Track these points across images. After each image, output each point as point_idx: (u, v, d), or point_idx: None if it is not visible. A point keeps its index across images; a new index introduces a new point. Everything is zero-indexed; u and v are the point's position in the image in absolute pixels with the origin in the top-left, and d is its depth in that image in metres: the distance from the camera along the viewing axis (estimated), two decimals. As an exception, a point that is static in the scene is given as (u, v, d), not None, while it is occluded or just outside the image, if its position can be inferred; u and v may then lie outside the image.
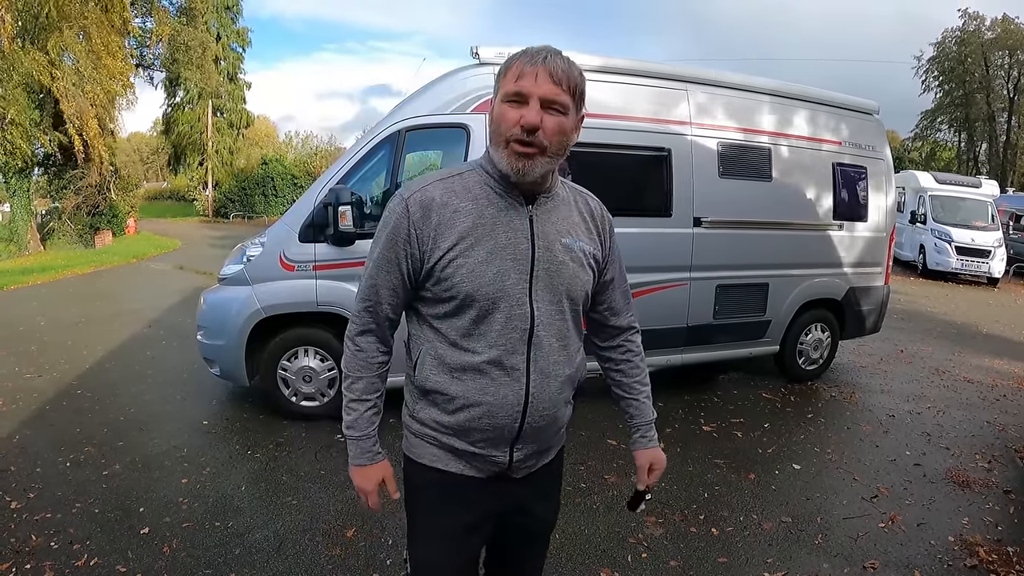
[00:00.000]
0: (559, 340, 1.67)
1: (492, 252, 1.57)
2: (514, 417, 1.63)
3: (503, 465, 1.70)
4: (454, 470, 1.71)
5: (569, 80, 1.53)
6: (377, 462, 1.77)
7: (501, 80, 1.56)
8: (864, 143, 6.62)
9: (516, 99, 1.51)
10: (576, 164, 5.31)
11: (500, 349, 1.60)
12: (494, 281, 1.57)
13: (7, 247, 21.11)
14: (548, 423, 1.70)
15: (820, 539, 3.68)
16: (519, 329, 1.60)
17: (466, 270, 1.56)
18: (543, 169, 1.57)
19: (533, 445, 1.72)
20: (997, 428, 5.70)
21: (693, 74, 5.83)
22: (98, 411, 5.49)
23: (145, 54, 25.60)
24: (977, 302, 13.90)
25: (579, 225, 1.72)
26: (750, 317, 6.15)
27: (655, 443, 1.94)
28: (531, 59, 1.52)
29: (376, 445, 1.77)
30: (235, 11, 42.60)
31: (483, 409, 1.62)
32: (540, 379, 1.64)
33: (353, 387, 1.74)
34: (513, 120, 1.51)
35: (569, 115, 1.56)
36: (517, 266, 1.59)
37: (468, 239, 1.57)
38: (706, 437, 5.21)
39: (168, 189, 54.72)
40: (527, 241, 1.60)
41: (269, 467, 4.44)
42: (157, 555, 3.36)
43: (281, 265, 5.01)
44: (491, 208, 1.60)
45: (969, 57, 40.94)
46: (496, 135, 1.56)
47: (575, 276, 1.67)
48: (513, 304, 1.59)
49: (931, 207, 17.80)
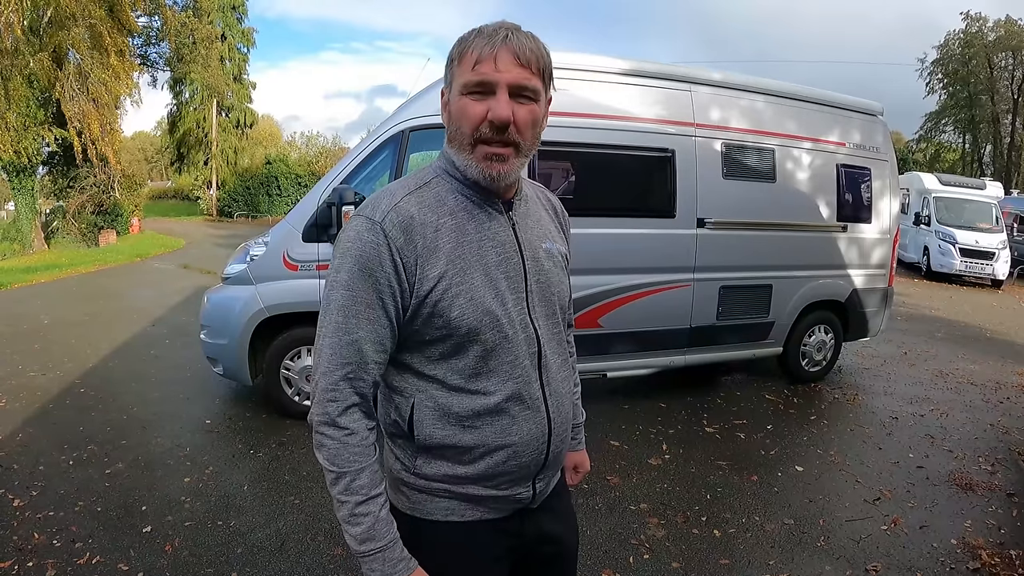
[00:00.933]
0: (560, 355, 1.51)
1: (485, 274, 1.34)
2: (540, 451, 1.43)
3: (527, 500, 1.49)
4: (471, 518, 1.45)
5: (538, 60, 1.29)
6: (413, 570, 1.33)
7: (456, 67, 1.31)
8: (868, 144, 6.61)
9: (479, 90, 1.27)
10: (581, 165, 5.35)
11: (517, 382, 1.37)
12: (496, 308, 1.34)
13: (11, 246, 21.16)
14: (562, 448, 1.52)
15: (822, 541, 3.68)
16: (529, 355, 1.40)
17: (464, 299, 1.31)
18: (518, 170, 1.36)
19: (552, 471, 1.53)
20: (1000, 431, 5.69)
21: (697, 75, 5.83)
22: (101, 409, 5.50)
23: (150, 53, 25.63)
24: (981, 304, 13.86)
25: (550, 225, 1.55)
26: (754, 318, 6.14)
27: (583, 445, 1.87)
28: (490, 39, 1.27)
29: (404, 550, 1.34)
30: (241, 11, 42.63)
31: (508, 452, 1.39)
32: (556, 402, 1.46)
33: (354, 485, 1.30)
34: (479, 116, 1.27)
35: (540, 101, 1.33)
36: (512, 284, 1.38)
37: (456, 262, 1.31)
38: (709, 438, 5.20)
39: (172, 188, 54.79)
40: (516, 254, 1.39)
41: (271, 466, 4.45)
42: (159, 554, 3.36)
43: (285, 265, 5.02)
44: (472, 222, 1.35)
45: (973, 59, 40.87)
46: (458, 135, 1.32)
47: (561, 283, 1.50)
48: (518, 329, 1.38)
49: (935, 209, 17.77)
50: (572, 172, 5.33)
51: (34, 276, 14.08)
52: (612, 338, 5.46)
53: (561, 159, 5.32)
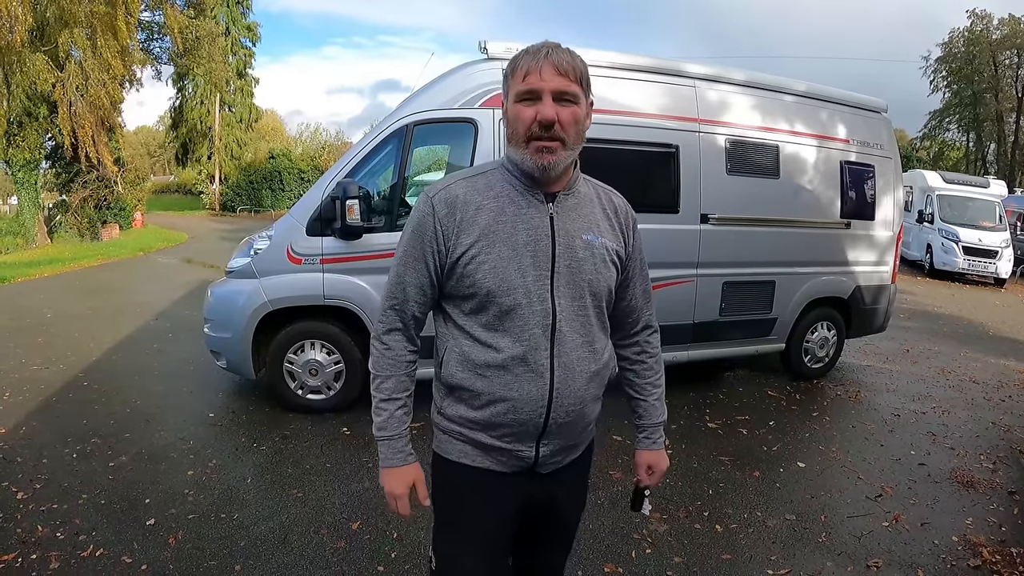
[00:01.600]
0: (583, 336, 1.68)
1: (513, 249, 1.59)
2: (539, 413, 1.63)
3: (529, 460, 1.71)
4: (481, 465, 1.71)
5: (575, 70, 1.57)
6: (409, 463, 1.74)
7: (510, 81, 1.60)
8: (872, 141, 6.60)
9: (528, 97, 1.55)
10: (584, 160, 5.33)
11: (524, 345, 1.60)
12: (515, 278, 1.59)
13: (14, 240, 21.23)
14: (575, 419, 1.70)
15: (824, 537, 3.68)
16: (541, 325, 1.61)
17: (488, 266, 1.59)
18: (566, 161, 1.60)
19: (559, 441, 1.71)
20: (1003, 429, 5.69)
21: (702, 71, 5.82)
22: (104, 403, 5.51)
23: (153, 48, 25.64)
24: (984, 302, 13.86)
25: (602, 222, 1.73)
26: (756, 314, 6.14)
27: (659, 445, 1.95)
28: (535, 56, 1.56)
29: (408, 446, 1.74)
30: (245, 5, 42.61)
31: (508, 405, 1.63)
32: (564, 375, 1.64)
33: (382, 387, 1.72)
34: (530, 118, 1.54)
35: (580, 104, 1.59)
36: (537, 263, 1.60)
37: (489, 236, 1.59)
38: (711, 434, 5.21)
39: (175, 183, 54.88)
40: (547, 238, 1.62)
41: (275, 460, 4.46)
42: (163, 546, 3.37)
43: (288, 258, 5.02)
44: (512, 206, 1.62)
45: (977, 57, 40.75)
46: (515, 135, 1.59)
47: (597, 272, 1.68)
48: (534, 300, 1.60)
49: (938, 207, 17.74)
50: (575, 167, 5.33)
51: (37, 270, 14.10)
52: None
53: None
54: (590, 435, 1.88)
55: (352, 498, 3.90)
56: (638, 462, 1.96)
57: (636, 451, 1.97)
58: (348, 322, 5.14)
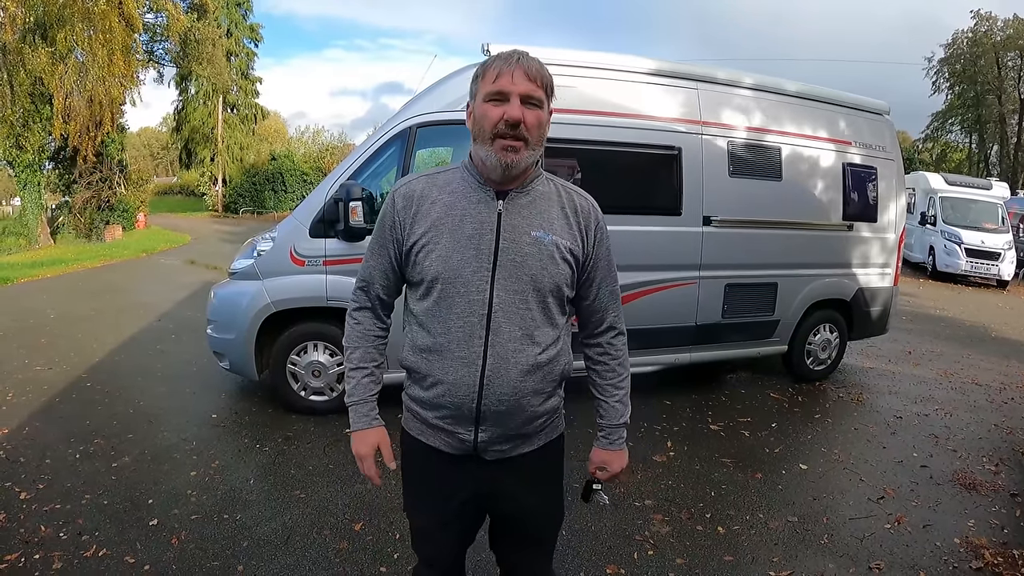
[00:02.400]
0: (522, 329, 1.73)
1: (458, 241, 1.70)
2: (471, 398, 1.72)
3: (469, 444, 1.79)
4: (431, 443, 1.83)
5: (542, 77, 1.69)
6: (373, 427, 1.88)
7: (480, 82, 1.71)
8: (875, 143, 6.60)
9: (497, 98, 1.66)
10: (587, 162, 5.35)
11: (460, 332, 1.71)
12: (456, 268, 1.70)
13: (17, 240, 21.25)
14: (511, 409, 1.75)
15: (826, 539, 3.68)
16: (478, 315, 1.70)
17: (434, 255, 1.71)
18: (528, 160, 1.71)
19: (497, 429, 1.77)
20: (1005, 431, 5.68)
21: (704, 73, 5.82)
22: (107, 404, 5.52)
23: (155, 49, 25.66)
24: (986, 304, 13.84)
25: (557, 220, 1.78)
26: (759, 316, 6.14)
27: (616, 446, 1.98)
28: (507, 61, 1.67)
29: (373, 411, 1.89)
30: (246, 7, 42.66)
31: (444, 387, 1.74)
32: (496, 364, 1.71)
33: (351, 357, 1.91)
34: (497, 116, 1.65)
35: (544, 108, 1.71)
36: (479, 255, 1.70)
37: (438, 227, 1.72)
38: (713, 436, 5.21)
39: (178, 184, 54.91)
40: (492, 233, 1.71)
41: (277, 461, 4.46)
42: (166, 547, 3.38)
43: (291, 260, 5.03)
44: (463, 201, 1.74)
45: (981, 58, 40.68)
46: (481, 133, 1.70)
47: (543, 268, 1.73)
48: (472, 291, 1.70)
49: (941, 209, 17.73)
50: (578, 169, 5.33)
51: (40, 271, 14.14)
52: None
53: (567, 156, 5.32)
54: (550, 430, 1.92)
55: (355, 499, 3.91)
56: (592, 458, 2.00)
57: (593, 448, 2.01)
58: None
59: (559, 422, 1.96)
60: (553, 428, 1.93)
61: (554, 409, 1.89)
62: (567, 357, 1.86)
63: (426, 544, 2.01)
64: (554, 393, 1.86)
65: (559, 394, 1.90)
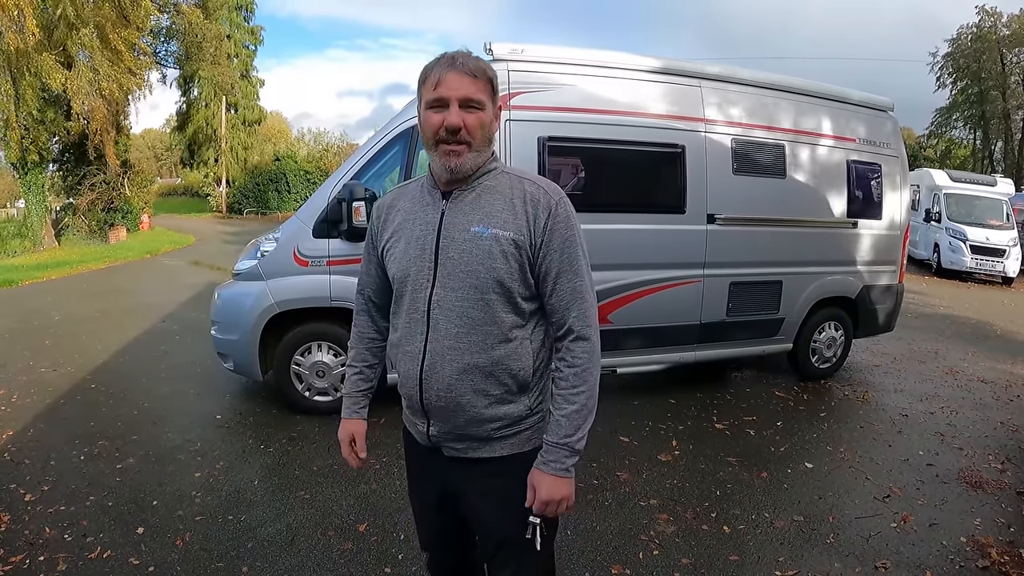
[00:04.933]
0: (459, 327, 1.72)
1: (408, 243, 1.79)
2: (414, 389, 1.78)
3: (424, 434, 1.85)
4: (410, 431, 1.95)
5: (482, 77, 1.69)
6: (353, 418, 2.03)
7: (422, 88, 1.72)
8: (879, 140, 6.57)
9: (438, 104, 1.68)
10: (591, 160, 5.34)
11: (407, 328, 1.79)
12: (405, 268, 1.78)
13: (22, 242, 21.29)
14: (450, 406, 1.75)
15: (832, 538, 3.67)
16: (420, 312, 1.75)
17: (391, 258, 1.83)
18: (473, 162, 1.72)
19: (442, 424, 1.80)
20: (1011, 429, 5.65)
21: (707, 70, 5.81)
22: (112, 405, 5.54)
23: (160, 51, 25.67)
24: (991, 301, 13.78)
25: (502, 212, 1.72)
26: (763, 315, 6.12)
27: (550, 468, 1.71)
28: (445, 65, 1.67)
29: (356, 404, 2.04)
30: (249, 10, 42.69)
31: (400, 379, 1.82)
32: (433, 360, 1.74)
33: (348, 355, 2.09)
34: (437, 123, 1.67)
35: (486, 109, 1.71)
36: (423, 255, 1.75)
37: (397, 232, 1.82)
38: (718, 435, 5.20)
39: (182, 185, 54.95)
40: (433, 233, 1.75)
41: (282, 462, 4.47)
42: (170, 548, 3.38)
43: (295, 260, 5.03)
44: (417, 206, 1.82)
45: (985, 54, 40.53)
46: (425, 139, 1.74)
47: (480, 263, 1.70)
48: (417, 289, 1.76)
49: (946, 205, 17.65)
50: (582, 168, 5.33)
51: (45, 273, 14.18)
52: (622, 334, 5.44)
53: (571, 155, 5.32)
54: (516, 442, 1.81)
55: (359, 500, 3.91)
56: (529, 481, 1.76)
57: (530, 472, 1.76)
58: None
59: (532, 435, 1.82)
60: (522, 439, 1.81)
61: (514, 417, 1.78)
62: (524, 361, 1.74)
63: (420, 527, 2.13)
64: (510, 399, 1.76)
65: (522, 402, 1.78)
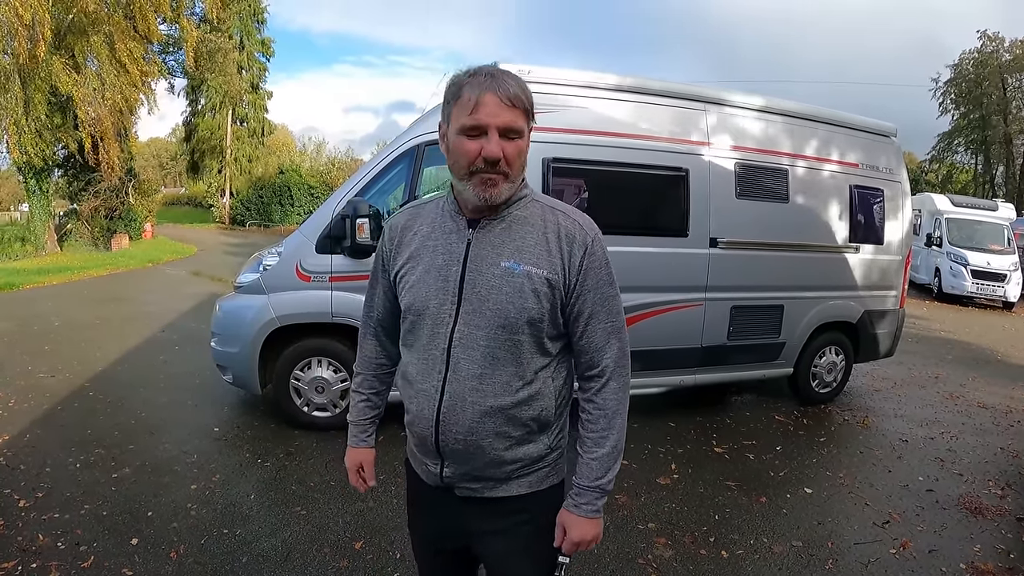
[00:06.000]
0: (483, 368, 1.59)
1: (427, 271, 1.65)
2: (429, 432, 1.65)
3: (436, 476, 1.72)
4: (417, 470, 1.81)
5: (522, 102, 1.54)
6: (360, 447, 1.95)
7: (453, 106, 1.55)
8: (881, 166, 6.59)
9: (474, 133, 1.52)
10: (595, 182, 5.35)
11: (423, 364, 1.66)
12: (423, 299, 1.64)
13: (24, 247, 21.31)
14: (470, 449, 1.62)
15: (831, 564, 3.64)
16: (439, 348, 1.62)
17: (407, 285, 1.68)
18: (508, 192, 1.59)
19: (460, 466, 1.66)
20: (1011, 454, 5.64)
21: (712, 95, 5.83)
22: (109, 413, 5.53)
23: (168, 60, 25.81)
24: (992, 326, 13.79)
25: (536, 247, 1.61)
26: (764, 339, 6.11)
27: (582, 512, 1.68)
28: (484, 86, 1.51)
29: (364, 433, 1.95)
30: (259, 20, 42.92)
31: (412, 416, 1.71)
32: (452, 402, 1.60)
33: (354, 380, 1.98)
34: (474, 152, 1.52)
35: (525, 136, 1.57)
36: (445, 287, 1.62)
37: (415, 258, 1.69)
38: (718, 459, 5.17)
39: (186, 195, 55.16)
40: (458, 264, 1.62)
41: (279, 476, 4.45)
42: (164, 560, 3.36)
43: (297, 275, 5.04)
44: (439, 231, 1.68)
45: (987, 79, 40.73)
46: (457, 167, 1.58)
47: (510, 302, 1.57)
48: (437, 323, 1.63)
49: (947, 230, 17.71)
50: (585, 189, 5.34)
51: (46, 278, 14.21)
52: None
53: (575, 176, 5.33)
54: (535, 480, 1.73)
55: (355, 517, 3.89)
56: (557, 520, 1.72)
57: (559, 513, 1.72)
58: (356, 340, 5.13)
59: (550, 472, 1.75)
60: (541, 477, 1.73)
61: (534, 457, 1.69)
62: (547, 401, 1.66)
63: (421, 563, 2.00)
64: (531, 440, 1.67)
65: (543, 441, 1.69)
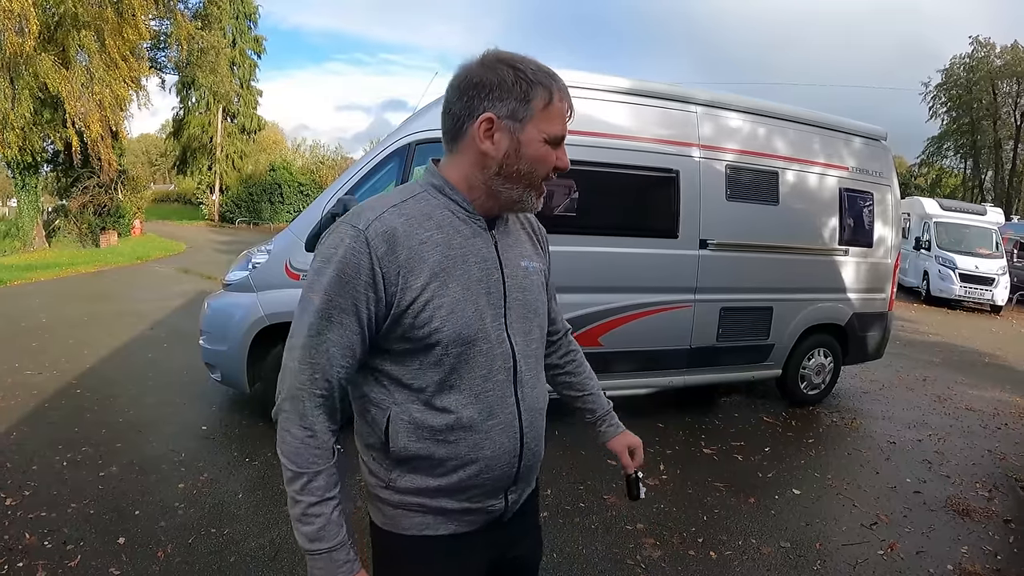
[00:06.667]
0: (536, 370, 1.54)
1: (467, 287, 1.37)
2: (512, 464, 1.47)
3: (498, 512, 1.52)
4: (445, 532, 1.48)
5: None
6: (356, 572, 1.40)
7: (535, 109, 1.36)
8: (871, 169, 6.62)
9: (556, 142, 1.40)
10: (585, 183, 5.35)
11: (490, 396, 1.41)
12: (475, 321, 1.38)
13: (12, 243, 21.19)
14: (538, 458, 1.57)
15: (819, 565, 3.65)
16: (504, 370, 1.43)
17: (445, 311, 1.34)
18: None
19: (523, 484, 1.56)
20: (998, 457, 5.68)
21: (703, 97, 5.84)
22: (97, 411, 5.49)
23: (159, 57, 25.70)
24: (980, 329, 13.88)
25: (527, 243, 1.59)
26: (753, 340, 6.13)
27: (622, 426, 1.86)
28: (568, 95, 1.41)
29: (351, 552, 1.40)
30: (252, 19, 42.81)
31: (480, 466, 1.42)
32: (530, 419, 1.49)
33: (310, 487, 1.35)
34: (552, 163, 1.41)
35: None
36: (492, 300, 1.42)
37: (443, 275, 1.35)
38: (706, 460, 5.19)
39: (175, 192, 54.94)
40: (497, 271, 1.44)
41: (267, 475, 4.42)
42: (151, 559, 3.34)
43: (287, 273, 5.01)
44: (458, 236, 1.39)
45: (977, 84, 41.04)
46: (533, 176, 1.41)
47: (539, 299, 1.55)
48: (495, 343, 1.41)
49: (936, 233, 17.82)
50: (575, 190, 5.34)
51: (34, 274, 14.12)
52: (612, 357, 5.43)
53: (565, 176, 5.31)
54: None
55: (344, 516, 3.87)
56: (617, 450, 1.83)
57: (609, 442, 1.85)
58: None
59: None
60: None
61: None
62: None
63: None
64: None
65: None
